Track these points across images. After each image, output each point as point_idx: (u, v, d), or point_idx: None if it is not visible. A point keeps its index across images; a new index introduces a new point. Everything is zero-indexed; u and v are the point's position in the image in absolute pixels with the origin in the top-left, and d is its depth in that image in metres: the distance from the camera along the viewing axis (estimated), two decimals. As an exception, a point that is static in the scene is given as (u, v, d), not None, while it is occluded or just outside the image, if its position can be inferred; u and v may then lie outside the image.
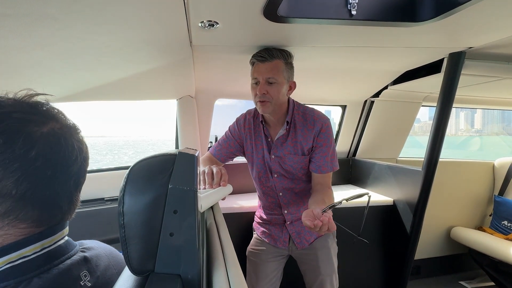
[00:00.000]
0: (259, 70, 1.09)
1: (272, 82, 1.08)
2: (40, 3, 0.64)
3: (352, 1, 0.93)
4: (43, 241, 0.45)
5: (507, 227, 2.25)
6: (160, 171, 0.46)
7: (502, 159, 2.58)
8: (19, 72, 1.02)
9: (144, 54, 1.15)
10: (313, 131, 1.12)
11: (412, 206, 1.62)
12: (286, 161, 1.17)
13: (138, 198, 0.44)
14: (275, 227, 1.29)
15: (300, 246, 1.25)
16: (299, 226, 1.24)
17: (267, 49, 1.11)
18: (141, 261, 0.44)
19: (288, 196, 1.22)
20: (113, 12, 0.77)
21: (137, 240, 0.44)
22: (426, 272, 2.41)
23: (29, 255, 0.43)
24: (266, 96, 1.08)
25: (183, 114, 1.77)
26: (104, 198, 1.69)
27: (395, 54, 1.38)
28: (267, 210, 1.30)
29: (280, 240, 1.27)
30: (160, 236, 0.44)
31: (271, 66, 1.08)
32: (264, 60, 1.08)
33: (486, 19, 1.00)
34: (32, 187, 0.42)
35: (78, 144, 0.48)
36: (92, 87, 1.37)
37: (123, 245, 0.44)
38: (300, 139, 1.14)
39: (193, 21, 0.94)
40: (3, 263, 0.41)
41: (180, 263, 0.45)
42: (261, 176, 1.24)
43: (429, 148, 1.49)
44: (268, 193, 1.26)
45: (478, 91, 2.02)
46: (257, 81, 1.10)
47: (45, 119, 0.45)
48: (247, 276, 1.33)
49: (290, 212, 1.24)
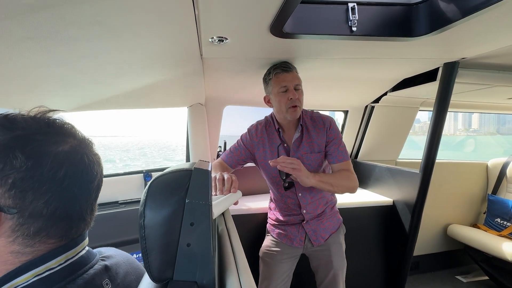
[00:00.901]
0: (287, 79, 1.14)
1: (298, 89, 1.15)
2: (62, 26, 0.64)
3: (353, 18, 0.93)
4: (67, 253, 0.45)
5: (500, 224, 2.22)
6: (177, 186, 0.46)
7: (495, 159, 2.55)
8: (38, 86, 1.03)
9: (157, 67, 1.17)
10: (324, 128, 1.20)
11: (411, 206, 1.61)
12: (304, 160, 1.18)
13: (157, 212, 0.44)
14: (292, 228, 1.28)
15: (316, 243, 1.26)
16: (315, 224, 1.26)
17: (285, 62, 1.19)
18: (160, 269, 0.44)
19: (307, 196, 1.24)
20: (130, 32, 0.78)
21: (157, 250, 0.44)
22: (425, 268, 2.39)
23: (54, 267, 0.43)
24: (297, 101, 1.13)
25: (193, 120, 1.78)
26: (118, 201, 1.70)
27: (393, 64, 1.38)
28: (285, 212, 1.30)
29: (296, 239, 1.27)
30: (178, 246, 0.45)
31: (294, 75, 1.16)
32: (290, 70, 1.15)
33: (477, 33, 1.00)
34: (61, 206, 0.42)
35: (96, 158, 0.48)
36: (107, 97, 1.39)
37: (144, 255, 0.44)
38: (314, 138, 1.20)
39: (204, 37, 0.95)
40: (31, 276, 0.41)
41: (196, 271, 0.46)
42: (278, 180, 1.24)
43: (426, 151, 1.48)
44: (287, 194, 1.26)
45: (471, 97, 2.00)
46: (287, 88, 1.13)
47: (64, 137, 0.45)
48: (260, 277, 1.32)
49: (308, 211, 1.25)
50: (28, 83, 0.95)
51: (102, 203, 1.66)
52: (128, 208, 1.64)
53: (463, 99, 2.08)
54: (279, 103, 1.16)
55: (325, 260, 1.26)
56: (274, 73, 1.16)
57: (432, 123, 1.47)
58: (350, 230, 1.40)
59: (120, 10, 0.64)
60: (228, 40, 0.97)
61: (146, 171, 1.81)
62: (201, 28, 0.87)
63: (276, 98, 1.16)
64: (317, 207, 1.26)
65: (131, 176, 1.77)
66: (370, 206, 1.79)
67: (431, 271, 2.41)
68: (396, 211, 1.73)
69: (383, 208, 1.80)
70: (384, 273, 1.84)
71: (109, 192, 1.70)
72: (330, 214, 1.29)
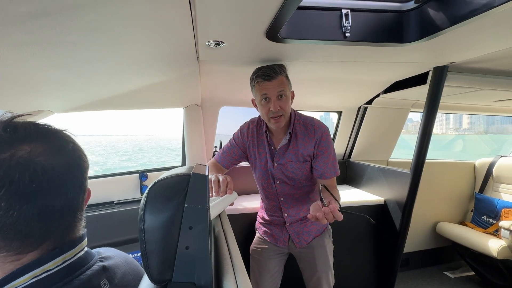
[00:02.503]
0: (267, 87, 1.05)
1: (282, 96, 1.06)
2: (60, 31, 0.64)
3: (346, 24, 0.94)
4: (64, 254, 0.45)
5: (486, 222, 2.29)
6: (176, 191, 0.47)
7: (482, 159, 2.61)
8: (36, 89, 1.03)
9: (154, 69, 1.17)
10: (314, 139, 1.12)
11: (401, 204, 1.64)
12: (288, 168, 1.17)
13: (157, 217, 0.45)
14: (276, 228, 1.30)
15: (299, 245, 1.26)
16: (298, 227, 1.25)
17: (270, 67, 1.07)
18: (160, 271, 0.45)
19: (289, 201, 1.23)
20: (128, 36, 0.78)
21: (156, 253, 0.45)
22: (414, 264, 2.44)
23: (52, 268, 0.43)
24: (280, 111, 1.06)
25: (189, 121, 1.78)
26: (114, 201, 1.69)
27: (385, 68, 1.40)
28: (269, 212, 1.31)
29: (280, 239, 1.28)
30: (177, 249, 0.46)
31: (278, 82, 1.06)
32: (271, 78, 1.05)
33: (465, 40, 1.04)
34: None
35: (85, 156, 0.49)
36: (103, 98, 1.38)
37: (144, 258, 0.45)
38: (301, 148, 1.14)
39: (200, 40, 0.95)
40: (29, 278, 0.42)
41: (194, 272, 0.47)
42: (263, 182, 1.25)
43: (416, 151, 1.52)
44: (270, 197, 1.26)
45: (460, 99, 2.05)
46: (267, 97, 1.07)
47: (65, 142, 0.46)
48: (251, 273, 1.34)
49: (290, 215, 1.24)
50: (26, 85, 0.95)
51: (97, 204, 1.65)
52: (124, 208, 1.63)
53: (452, 101, 2.13)
54: (261, 112, 1.12)
55: (309, 262, 1.26)
56: (256, 80, 1.08)
57: (422, 124, 1.50)
58: (342, 228, 1.43)
59: (119, 16, 0.64)
60: (225, 44, 0.98)
61: (142, 171, 1.81)
62: (198, 32, 0.88)
63: (259, 107, 1.12)
64: (300, 211, 1.24)
65: (127, 176, 1.77)
66: (362, 205, 1.83)
67: (421, 267, 2.47)
68: (388, 209, 1.77)
69: (374, 207, 1.84)
70: (375, 270, 1.88)
71: (105, 193, 1.69)
72: None
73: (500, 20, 0.86)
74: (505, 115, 2.71)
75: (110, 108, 1.55)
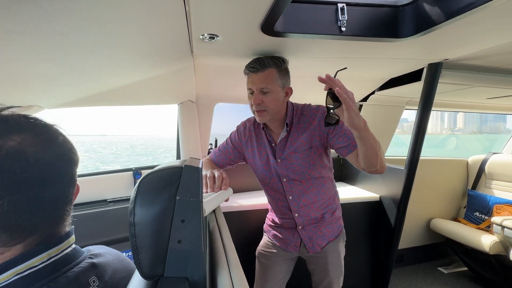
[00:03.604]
0: (253, 81, 1.03)
1: (266, 92, 1.02)
2: (48, 21, 0.62)
3: (342, 18, 0.94)
4: (49, 250, 0.44)
5: (479, 218, 2.32)
6: (168, 183, 0.46)
7: (474, 156, 2.65)
8: (23, 82, 1.00)
9: (147, 63, 1.14)
10: (316, 120, 1.07)
11: (396, 201, 1.65)
12: (293, 161, 1.09)
13: (148, 210, 0.44)
14: (287, 231, 1.21)
15: (312, 250, 1.17)
16: (311, 231, 1.16)
17: (259, 59, 1.03)
18: (151, 267, 0.44)
19: (298, 200, 1.14)
20: (120, 27, 0.76)
21: (147, 248, 0.44)
22: (408, 260, 2.47)
23: (36, 265, 0.42)
24: (262, 105, 1.03)
25: (184, 118, 1.76)
26: (107, 199, 1.67)
27: (380, 64, 1.40)
28: (279, 214, 1.22)
29: (291, 244, 1.20)
30: (168, 243, 0.44)
31: (264, 76, 1.01)
32: (257, 71, 1.02)
33: (460, 35, 1.04)
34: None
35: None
36: (95, 94, 1.35)
37: (134, 253, 0.44)
38: (304, 135, 1.08)
39: (194, 33, 0.93)
40: (12, 275, 0.40)
41: (187, 267, 0.45)
42: (267, 182, 1.17)
43: (411, 148, 1.53)
44: (277, 197, 1.18)
45: (453, 97, 2.07)
46: (252, 91, 1.05)
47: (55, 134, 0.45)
48: (256, 276, 1.29)
49: (300, 215, 1.15)
50: (14, 79, 0.92)
51: (90, 202, 1.61)
52: (117, 206, 1.61)
53: (446, 99, 2.15)
54: (250, 106, 1.09)
55: (321, 267, 1.19)
56: (245, 72, 1.07)
57: (417, 121, 1.51)
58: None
59: (109, 5, 0.62)
60: (219, 37, 0.96)
61: (136, 168, 1.78)
62: (192, 25, 0.86)
63: (248, 100, 1.09)
64: (311, 210, 1.15)
65: (120, 174, 1.74)
66: (357, 202, 1.83)
67: (415, 263, 2.49)
68: (383, 206, 1.78)
69: (370, 204, 1.84)
70: (371, 266, 1.89)
71: (98, 190, 1.66)
72: (330, 221, 1.18)
73: (495, 15, 0.86)
74: (497, 112, 2.75)
75: (101, 104, 1.52)
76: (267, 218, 1.34)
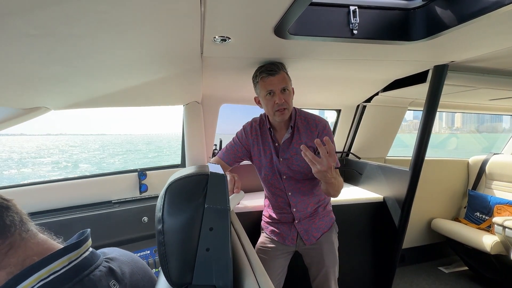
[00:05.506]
0: (272, 82, 1.12)
1: (285, 91, 1.13)
2: (67, 23, 0.61)
3: (354, 21, 0.94)
4: (69, 254, 0.44)
5: (479, 218, 2.34)
6: (195, 191, 0.45)
7: (475, 157, 2.67)
8: (34, 85, 0.98)
9: (156, 64, 1.13)
10: (316, 131, 1.18)
11: (400, 202, 1.66)
12: (293, 161, 1.19)
13: (177, 218, 0.44)
14: (284, 226, 1.30)
15: (308, 242, 1.27)
16: (307, 224, 1.27)
17: (273, 63, 1.15)
18: (180, 275, 0.44)
19: (296, 195, 1.24)
20: (135, 29, 0.75)
21: (176, 256, 0.44)
22: (410, 260, 2.48)
23: (58, 269, 0.42)
24: (284, 103, 1.12)
25: (189, 118, 1.74)
26: (112, 201, 1.65)
27: (387, 66, 1.41)
28: (277, 210, 1.31)
29: (288, 238, 1.29)
30: (197, 251, 0.44)
31: (281, 77, 1.12)
32: (275, 73, 1.12)
33: (468, 39, 1.05)
34: None
35: None
36: (102, 95, 1.34)
37: (163, 261, 0.43)
38: (304, 140, 1.18)
39: (207, 36, 0.93)
40: (35, 281, 0.40)
41: (214, 275, 0.45)
42: (269, 178, 1.26)
43: (416, 149, 1.53)
44: (277, 193, 1.27)
45: (456, 98, 2.08)
46: (272, 91, 1.12)
47: None
48: None
49: (298, 210, 1.25)
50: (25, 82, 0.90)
51: (95, 203, 1.60)
52: (122, 208, 1.59)
53: (449, 100, 2.16)
54: (266, 106, 1.17)
55: (317, 258, 1.28)
56: (260, 76, 1.15)
57: (422, 122, 1.51)
58: (342, 226, 1.43)
59: (128, 6, 0.61)
60: (231, 39, 0.96)
61: (141, 169, 1.77)
62: (206, 27, 0.86)
63: (264, 101, 1.17)
64: (307, 205, 1.26)
65: (125, 175, 1.72)
66: (361, 203, 1.84)
67: (416, 263, 2.51)
68: (386, 207, 1.79)
69: (373, 205, 1.85)
70: (374, 267, 1.90)
71: (102, 192, 1.64)
72: (323, 214, 1.30)
73: (507, 19, 0.87)
74: (498, 113, 2.78)
75: (108, 105, 1.50)
76: (263, 216, 1.42)
